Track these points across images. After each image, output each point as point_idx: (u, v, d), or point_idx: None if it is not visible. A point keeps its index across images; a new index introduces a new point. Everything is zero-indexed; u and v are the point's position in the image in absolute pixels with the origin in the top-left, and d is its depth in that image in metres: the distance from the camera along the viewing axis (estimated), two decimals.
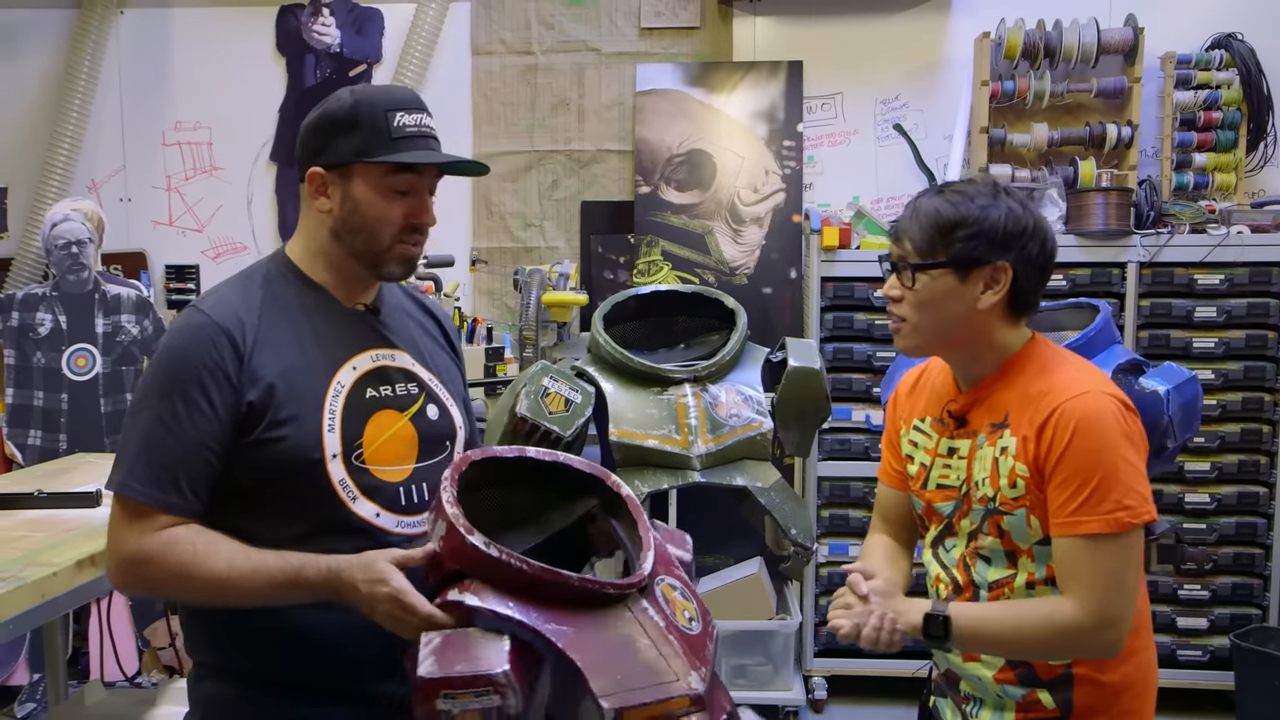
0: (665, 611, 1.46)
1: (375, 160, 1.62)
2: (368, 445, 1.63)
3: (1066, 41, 4.09)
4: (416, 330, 1.84)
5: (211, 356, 1.57)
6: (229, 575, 1.52)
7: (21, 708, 3.88)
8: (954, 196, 1.69)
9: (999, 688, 1.75)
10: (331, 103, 1.67)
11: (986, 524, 1.72)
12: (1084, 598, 1.60)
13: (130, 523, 1.55)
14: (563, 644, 1.36)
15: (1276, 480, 3.90)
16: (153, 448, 1.55)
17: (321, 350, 1.66)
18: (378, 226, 1.65)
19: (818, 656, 4.09)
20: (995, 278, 1.67)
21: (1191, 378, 2.75)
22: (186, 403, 1.55)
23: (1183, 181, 4.13)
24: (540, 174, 4.54)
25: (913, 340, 1.75)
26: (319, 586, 1.50)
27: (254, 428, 1.58)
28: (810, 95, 4.40)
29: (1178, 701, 3.88)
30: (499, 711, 1.32)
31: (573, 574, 1.41)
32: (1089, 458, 1.59)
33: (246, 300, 1.65)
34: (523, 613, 1.38)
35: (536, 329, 3.84)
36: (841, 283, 4.01)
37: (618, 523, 1.63)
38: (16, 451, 4.06)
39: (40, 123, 4.60)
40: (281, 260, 1.73)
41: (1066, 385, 1.65)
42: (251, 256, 4.64)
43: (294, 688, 1.63)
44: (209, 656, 1.69)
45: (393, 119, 1.62)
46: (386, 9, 4.56)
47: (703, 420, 2.80)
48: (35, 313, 4.08)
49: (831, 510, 4.07)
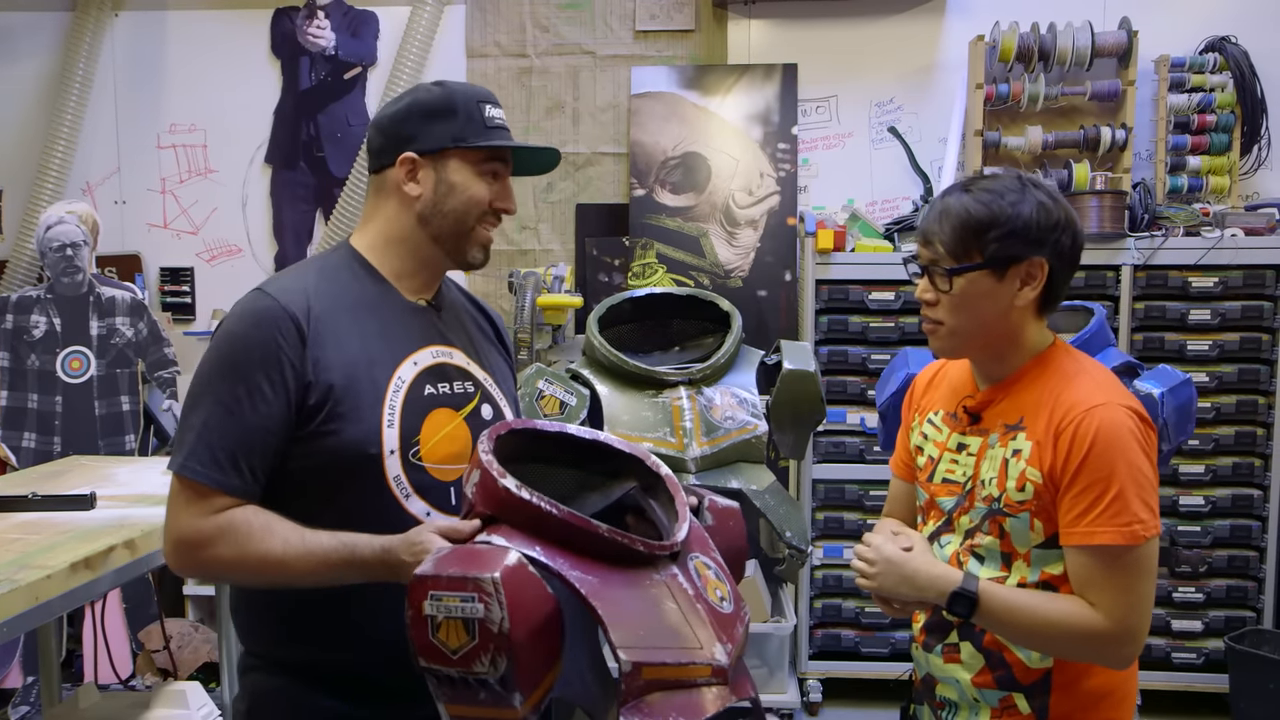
0: (696, 583, 1.43)
1: (474, 146, 1.69)
2: (424, 443, 1.64)
3: (1061, 44, 4.10)
4: (473, 328, 1.86)
5: (276, 341, 1.56)
6: (284, 556, 1.52)
7: (15, 711, 3.87)
8: (982, 195, 1.66)
9: (976, 691, 1.75)
10: (421, 94, 1.72)
11: (987, 523, 1.72)
12: (1110, 608, 1.59)
13: (189, 504, 1.55)
14: (586, 591, 1.33)
15: (1271, 483, 3.91)
16: (213, 430, 1.54)
17: (385, 344, 1.66)
18: (470, 208, 1.71)
19: (813, 659, 4.09)
20: (1031, 274, 1.66)
21: (1186, 380, 2.76)
22: (249, 387, 1.55)
23: (1177, 184, 4.14)
24: (535, 177, 4.52)
25: (950, 343, 1.74)
26: (373, 566, 1.50)
27: (314, 418, 1.58)
28: (805, 98, 4.40)
29: (1172, 704, 3.89)
30: (481, 625, 1.27)
31: (602, 525, 1.38)
32: (1106, 470, 1.59)
33: (312, 288, 1.65)
34: (550, 558, 1.35)
35: (531, 332, 3.84)
36: (836, 285, 4.01)
37: (656, 502, 1.60)
38: (10, 454, 4.05)
39: (35, 125, 4.60)
40: (348, 251, 1.74)
41: (1087, 395, 1.64)
42: (246, 259, 4.65)
43: (343, 682, 1.63)
44: (260, 646, 1.69)
45: (484, 110, 1.72)
46: (381, 11, 4.56)
47: (697, 423, 2.81)
48: (30, 315, 4.08)
49: (826, 513, 4.07)
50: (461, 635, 1.28)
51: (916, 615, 1.87)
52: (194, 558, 1.57)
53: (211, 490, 1.54)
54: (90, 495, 2.45)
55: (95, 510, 2.42)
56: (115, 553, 2.18)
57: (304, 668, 1.65)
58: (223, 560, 1.55)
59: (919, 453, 1.88)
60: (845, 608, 4.08)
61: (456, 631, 1.28)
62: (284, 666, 1.67)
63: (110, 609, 3.81)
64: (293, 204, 4.65)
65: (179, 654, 4.01)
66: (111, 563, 2.17)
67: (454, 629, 1.28)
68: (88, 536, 2.22)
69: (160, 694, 2.82)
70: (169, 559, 1.61)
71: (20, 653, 3.93)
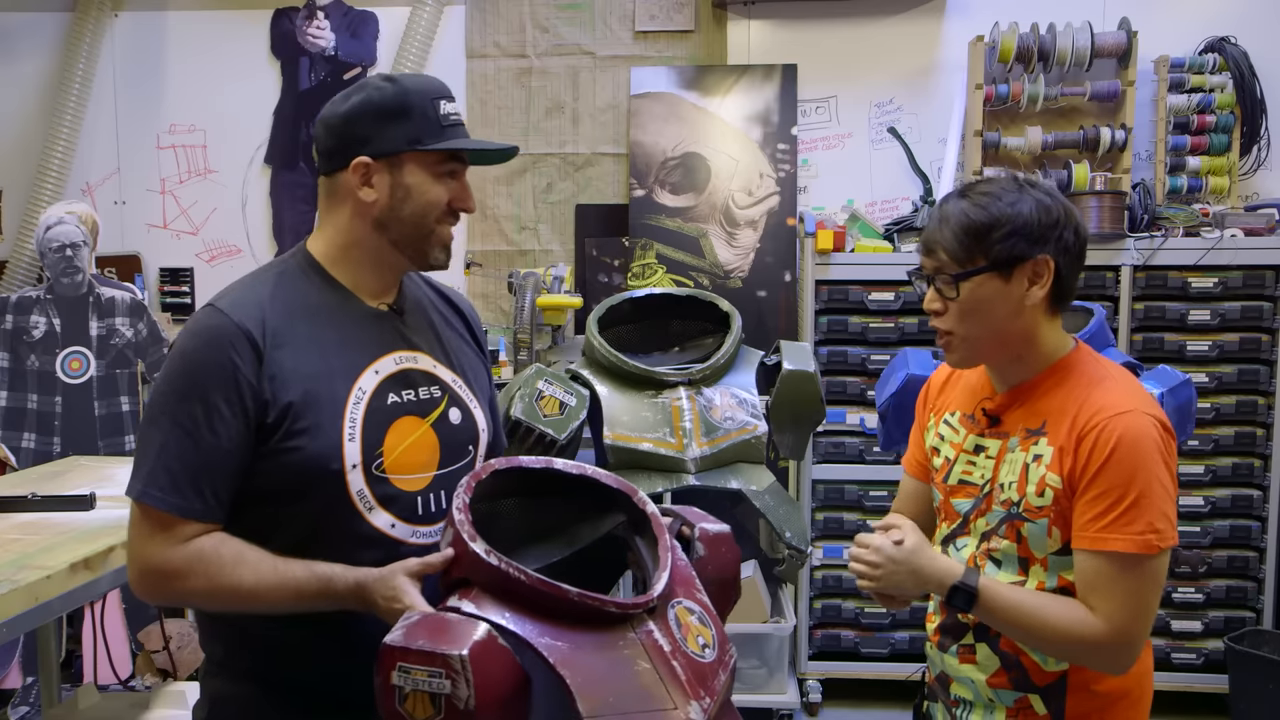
0: (674, 635, 1.41)
1: (431, 148, 1.62)
2: (388, 454, 1.60)
3: (1060, 45, 4.10)
4: (441, 326, 1.80)
5: (231, 360, 1.52)
6: (256, 587, 1.50)
7: (15, 711, 3.87)
8: (980, 198, 1.67)
9: (991, 691, 1.75)
10: (372, 91, 1.62)
11: (1004, 527, 1.71)
12: (1110, 615, 1.59)
13: (153, 533, 1.52)
14: (554, 659, 1.31)
15: (1270, 483, 3.91)
16: (171, 454, 1.51)
17: (343, 355, 1.61)
18: (429, 211, 1.64)
19: (812, 660, 4.09)
20: (1038, 272, 1.66)
21: (1185, 381, 2.76)
22: (206, 407, 1.51)
23: (1176, 185, 4.14)
24: (535, 177, 4.54)
25: (965, 352, 1.73)
26: (346, 599, 1.50)
27: (273, 435, 1.55)
28: (804, 99, 4.40)
29: (1172, 705, 3.88)
30: (448, 701, 1.26)
31: (572, 589, 1.37)
32: (1125, 476, 1.58)
33: (267, 300, 1.60)
34: (518, 624, 1.34)
35: (531, 332, 3.84)
36: (836, 286, 4.01)
37: (642, 541, 1.58)
38: (10, 454, 4.05)
39: (35, 126, 4.60)
40: (304, 257, 1.68)
41: (1111, 402, 1.63)
42: (246, 259, 4.65)
43: (304, 692, 1.62)
44: (222, 654, 1.68)
45: (439, 107, 1.63)
46: (381, 12, 4.56)
47: (697, 423, 2.81)
48: (29, 316, 4.08)
49: (826, 513, 4.07)
50: (428, 708, 1.28)
51: (931, 615, 1.87)
52: (163, 589, 1.55)
53: (174, 519, 1.51)
54: (90, 496, 2.45)
55: (95, 511, 2.43)
56: (115, 553, 2.18)
57: (260, 676, 1.64)
58: (193, 591, 1.53)
59: (935, 453, 1.88)
60: (845, 608, 4.08)
61: (423, 704, 1.29)
62: (243, 674, 1.65)
63: (110, 609, 3.81)
64: (292, 204, 4.65)
65: (178, 654, 4.01)
66: (111, 563, 2.17)
67: (420, 701, 1.29)
68: (87, 537, 2.22)
69: (160, 694, 2.83)
70: (135, 587, 1.57)
71: (20, 653, 3.93)
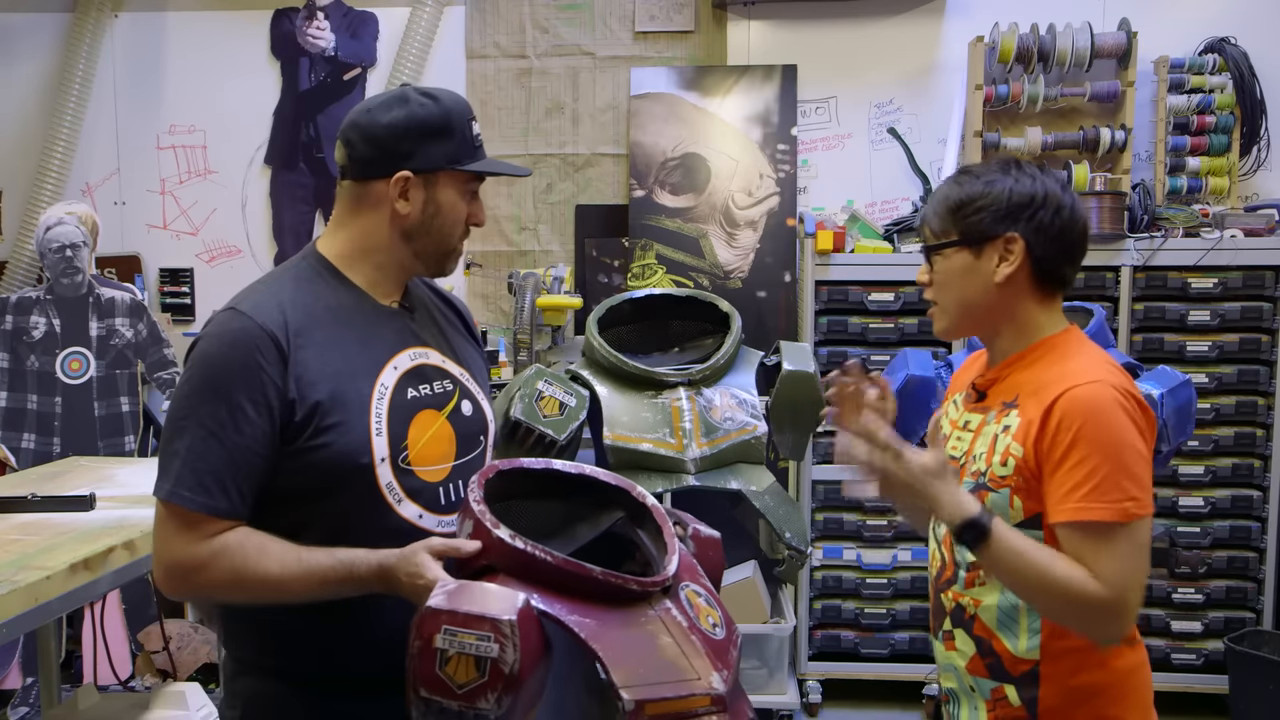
0: (689, 614, 1.47)
1: (467, 169, 1.69)
2: (412, 446, 1.64)
3: (1060, 45, 4.10)
4: (444, 324, 1.85)
5: (256, 361, 1.55)
6: (281, 577, 1.53)
7: (14, 712, 3.87)
8: (963, 177, 1.76)
9: (971, 679, 1.75)
10: (416, 107, 1.66)
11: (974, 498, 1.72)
12: (1107, 578, 1.57)
13: (179, 531, 1.54)
14: (585, 635, 1.36)
15: (1270, 484, 3.91)
16: (197, 455, 1.53)
17: (365, 352, 1.65)
18: (456, 227, 1.71)
19: (812, 660, 4.09)
20: (1008, 249, 1.70)
21: (1185, 381, 2.76)
22: (231, 409, 1.53)
23: (1176, 185, 4.14)
24: (535, 177, 4.54)
25: (942, 321, 1.80)
26: (371, 582, 1.52)
27: (301, 434, 1.57)
28: (804, 99, 4.40)
29: (1171, 705, 3.88)
30: (494, 665, 1.29)
31: (596, 568, 1.42)
32: (1098, 446, 1.59)
33: (287, 301, 1.62)
34: (547, 604, 1.38)
35: (531, 332, 3.84)
36: (836, 286, 4.01)
37: (644, 532, 1.64)
38: (10, 455, 4.05)
39: (35, 126, 4.60)
40: (316, 259, 1.71)
41: (1075, 372, 1.65)
42: (246, 260, 4.65)
43: (333, 683, 1.63)
44: (253, 652, 1.69)
45: (472, 128, 1.71)
46: (381, 13, 4.56)
47: (697, 424, 2.81)
48: (29, 316, 4.08)
49: (826, 514, 4.07)
50: (471, 672, 1.31)
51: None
52: (188, 583, 1.57)
53: (201, 516, 1.53)
54: (89, 496, 2.45)
55: (94, 511, 2.43)
56: (114, 554, 2.18)
57: (287, 671, 1.65)
58: (217, 584, 1.55)
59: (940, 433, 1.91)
60: (845, 609, 4.08)
61: (466, 668, 1.31)
62: (271, 671, 1.66)
63: (110, 610, 3.81)
64: (292, 205, 4.65)
65: (178, 655, 4.01)
66: (111, 563, 2.17)
67: (464, 665, 1.31)
68: (87, 537, 2.22)
69: (159, 695, 2.83)
70: (161, 585, 1.59)
71: (20, 654, 3.93)
